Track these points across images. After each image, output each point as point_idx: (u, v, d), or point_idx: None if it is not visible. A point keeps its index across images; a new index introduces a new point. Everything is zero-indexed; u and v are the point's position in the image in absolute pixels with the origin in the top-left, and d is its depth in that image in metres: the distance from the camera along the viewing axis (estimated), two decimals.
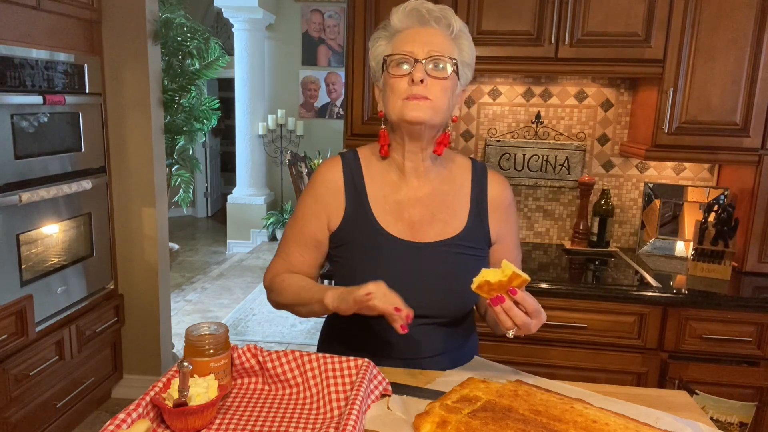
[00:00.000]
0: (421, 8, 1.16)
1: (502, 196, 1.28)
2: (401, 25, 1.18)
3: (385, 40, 1.20)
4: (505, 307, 1.02)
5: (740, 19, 2.02)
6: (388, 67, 1.16)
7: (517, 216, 1.32)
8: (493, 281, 1.00)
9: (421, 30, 1.16)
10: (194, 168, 3.74)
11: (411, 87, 1.13)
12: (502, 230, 1.28)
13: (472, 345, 1.36)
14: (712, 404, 1.92)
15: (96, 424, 2.68)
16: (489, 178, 1.28)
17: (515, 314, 1.02)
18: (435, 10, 1.16)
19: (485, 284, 1.01)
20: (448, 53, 1.15)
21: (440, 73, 1.14)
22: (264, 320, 4.18)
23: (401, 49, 1.15)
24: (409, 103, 1.13)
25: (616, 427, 0.92)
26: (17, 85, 2.12)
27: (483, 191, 1.27)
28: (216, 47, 3.39)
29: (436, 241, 1.22)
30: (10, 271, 2.15)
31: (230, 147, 7.31)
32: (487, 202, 1.26)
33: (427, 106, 1.13)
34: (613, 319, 1.99)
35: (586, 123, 2.48)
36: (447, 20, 1.17)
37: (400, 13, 1.18)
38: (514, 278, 1.00)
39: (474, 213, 1.25)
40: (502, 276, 1.00)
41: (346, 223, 1.23)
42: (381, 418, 0.98)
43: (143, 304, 2.90)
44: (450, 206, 1.24)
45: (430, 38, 1.15)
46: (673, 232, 2.41)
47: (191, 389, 0.91)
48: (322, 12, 6.27)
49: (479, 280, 1.01)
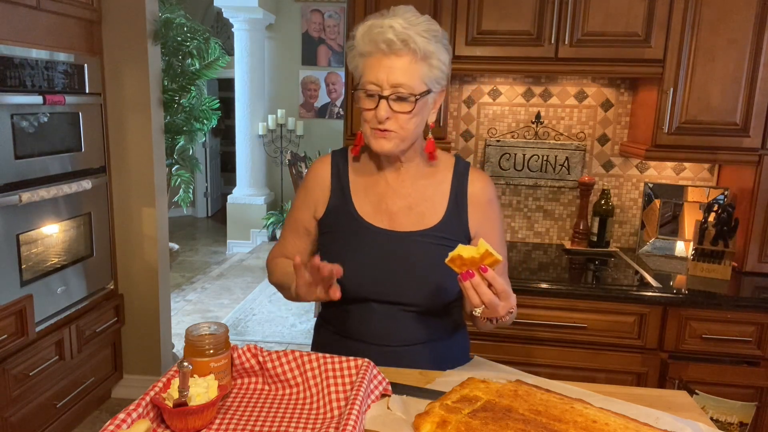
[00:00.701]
0: (380, 41, 1.12)
1: (483, 192, 1.30)
2: (365, 48, 1.16)
3: (356, 52, 1.20)
4: (473, 283, 1.04)
5: (740, 19, 2.02)
6: (358, 95, 1.20)
7: (500, 213, 1.34)
8: (466, 256, 1.02)
9: (384, 59, 1.14)
10: (194, 168, 3.74)
11: (376, 121, 1.17)
12: (483, 227, 1.29)
13: (459, 342, 1.36)
14: (712, 404, 1.92)
15: (96, 424, 2.68)
16: (470, 175, 1.31)
17: (482, 291, 1.04)
18: (395, 41, 1.11)
19: (458, 258, 1.03)
20: (412, 84, 1.14)
21: (403, 107, 1.15)
22: (264, 320, 4.18)
23: (368, 79, 1.16)
24: (377, 135, 1.18)
25: (616, 427, 0.92)
26: (17, 85, 2.12)
27: (463, 187, 1.29)
28: (216, 47, 3.39)
29: (413, 230, 1.26)
30: (10, 271, 2.15)
31: (230, 147, 7.31)
32: (466, 197, 1.29)
33: (393, 137, 1.18)
34: (613, 319, 1.99)
35: (586, 123, 2.48)
36: (410, 46, 1.12)
37: (363, 36, 1.16)
38: (486, 256, 1.02)
39: (452, 206, 1.28)
40: (476, 252, 1.02)
41: (330, 213, 1.31)
42: (381, 418, 0.98)
43: (143, 304, 2.90)
44: (429, 199, 1.29)
45: (393, 69, 1.13)
46: (673, 232, 2.41)
47: (191, 389, 0.91)
48: (322, 12, 6.27)
49: (453, 253, 1.03)
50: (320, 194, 1.32)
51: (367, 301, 1.25)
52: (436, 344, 1.29)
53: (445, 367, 1.23)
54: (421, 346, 1.27)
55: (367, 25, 1.16)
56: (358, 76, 1.21)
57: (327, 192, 1.32)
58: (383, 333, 1.26)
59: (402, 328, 1.26)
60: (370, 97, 1.17)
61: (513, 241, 2.58)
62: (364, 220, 1.27)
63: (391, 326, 1.26)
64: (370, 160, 1.31)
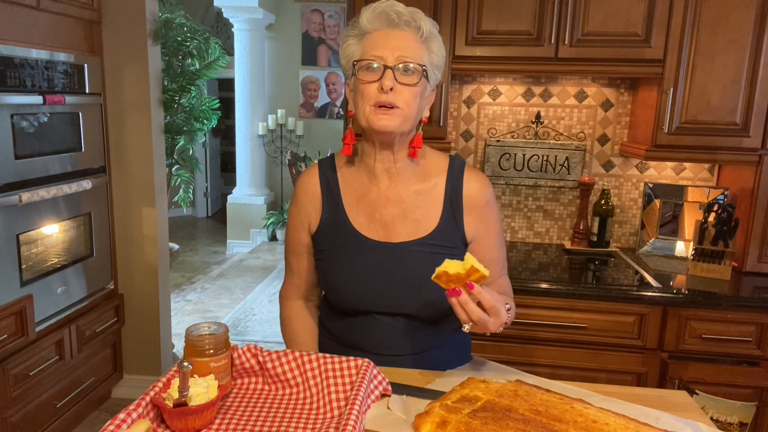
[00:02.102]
0: (390, 11, 1.13)
1: (479, 195, 1.25)
2: (370, 26, 1.15)
3: (355, 39, 1.18)
4: (461, 301, 1.01)
5: (740, 19, 2.02)
6: (358, 72, 1.15)
7: (498, 215, 1.30)
8: (452, 272, 0.99)
9: (391, 33, 1.14)
10: (194, 168, 3.73)
11: (380, 94, 1.12)
12: (479, 230, 1.26)
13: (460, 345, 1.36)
14: (712, 404, 1.92)
15: (96, 424, 2.68)
16: (465, 176, 1.26)
17: (470, 309, 1.02)
18: (405, 13, 1.13)
19: (443, 275, 1.00)
20: (417, 58, 1.13)
21: (410, 79, 1.13)
22: (264, 320, 4.18)
23: (371, 53, 1.13)
24: (378, 113, 1.13)
25: (616, 427, 0.92)
26: (17, 85, 2.12)
27: (458, 190, 1.25)
28: (216, 47, 3.39)
29: (408, 240, 1.23)
30: (10, 271, 2.15)
31: (230, 147, 7.32)
32: (462, 200, 1.24)
33: (396, 115, 1.13)
34: (613, 319, 1.99)
35: (586, 123, 2.48)
36: (417, 23, 1.14)
37: (369, 14, 1.15)
38: (472, 272, 0.99)
39: (447, 211, 1.24)
40: (461, 269, 0.99)
41: (323, 227, 1.27)
42: (381, 418, 0.98)
43: (143, 304, 2.90)
44: (423, 205, 1.24)
45: (399, 42, 1.13)
46: (673, 232, 2.41)
47: (191, 389, 0.91)
48: (322, 12, 6.27)
49: (439, 270, 1.00)
50: (312, 208, 1.28)
51: (368, 313, 1.24)
52: (439, 349, 1.28)
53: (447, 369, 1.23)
54: (424, 354, 1.26)
55: (371, 6, 1.16)
56: (356, 58, 1.16)
57: (318, 205, 1.28)
58: (385, 344, 1.25)
59: (404, 337, 1.24)
60: (372, 71, 1.12)
61: (513, 241, 2.58)
62: (359, 233, 1.23)
63: (393, 337, 1.24)
64: (361, 166, 1.26)
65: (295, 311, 1.38)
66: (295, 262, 1.35)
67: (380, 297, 1.22)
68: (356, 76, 1.16)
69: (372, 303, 1.23)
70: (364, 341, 1.26)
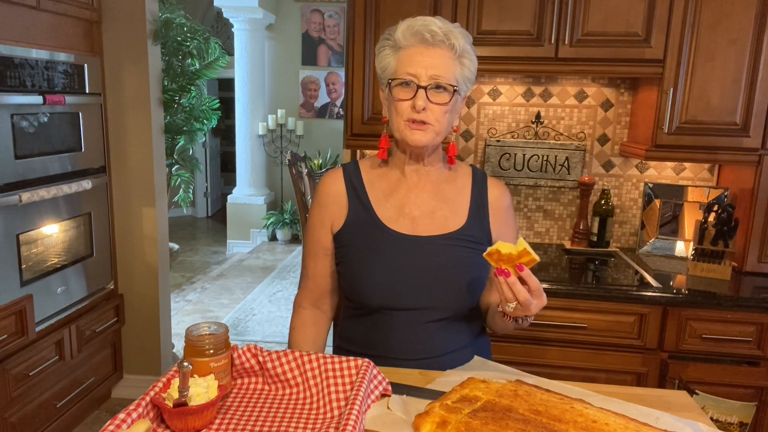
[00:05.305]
0: (425, 32, 1.16)
1: (502, 199, 1.33)
2: (405, 42, 1.19)
3: (391, 51, 1.21)
4: (509, 281, 1.07)
5: (740, 19, 2.02)
6: (393, 89, 1.20)
7: (516, 220, 1.36)
8: (504, 252, 1.06)
9: (425, 50, 1.17)
10: (194, 168, 3.74)
11: (413, 111, 1.17)
12: (501, 232, 1.31)
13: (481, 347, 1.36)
14: (712, 404, 1.92)
15: (96, 424, 2.68)
16: (489, 183, 1.34)
17: (518, 289, 1.07)
18: (439, 33, 1.16)
19: (495, 253, 1.07)
20: (449, 77, 1.17)
21: (441, 98, 1.17)
22: (264, 320, 4.18)
23: (405, 70, 1.17)
24: (412, 127, 1.19)
25: (616, 427, 0.92)
26: (17, 85, 2.12)
27: (483, 194, 1.32)
28: (216, 47, 3.39)
29: (437, 234, 1.26)
30: (10, 271, 2.15)
31: (230, 147, 7.31)
32: (487, 204, 1.31)
33: (429, 131, 1.19)
34: (613, 319, 1.99)
35: (586, 123, 2.48)
36: (450, 41, 1.17)
37: (405, 30, 1.18)
38: (523, 254, 1.05)
39: (473, 212, 1.30)
40: (514, 249, 1.05)
41: (349, 224, 1.28)
42: (381, 418, 0.98)
43: (143, 304, 2.90)
44: (451, 203, 1.29)
45: (432, 60, 1.17)
46: (673, 232, 2.41)
47: (191, 389, 0.91)
48: (322, 12, 6.27)
49: (492, 248, 1.07)
50: (336, 209, 1.30)
51: (391, 309, 1.24)
52: (462, 352, 1.28)
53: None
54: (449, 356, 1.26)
55: (408, 22, 1.19)
56: (390, 72, 1.21)
57: (344, 206, 1.29)
58: (408, 345, 1.24)
59: (427, 338, 1.24)
60: (406, 88, 1.18)
61: None
62: (386, 226, 1.26)
63: (417, 337, 1.24)
64: (390, 166, 1.31)
65: (301, 320, 1.38)
66: (311, 265, 1.35)
67: (407, 289, 1.22)
68: (391, 93, 1.21)
69: (398, 296, 1.23)
70: (389, 343, 1.25)
